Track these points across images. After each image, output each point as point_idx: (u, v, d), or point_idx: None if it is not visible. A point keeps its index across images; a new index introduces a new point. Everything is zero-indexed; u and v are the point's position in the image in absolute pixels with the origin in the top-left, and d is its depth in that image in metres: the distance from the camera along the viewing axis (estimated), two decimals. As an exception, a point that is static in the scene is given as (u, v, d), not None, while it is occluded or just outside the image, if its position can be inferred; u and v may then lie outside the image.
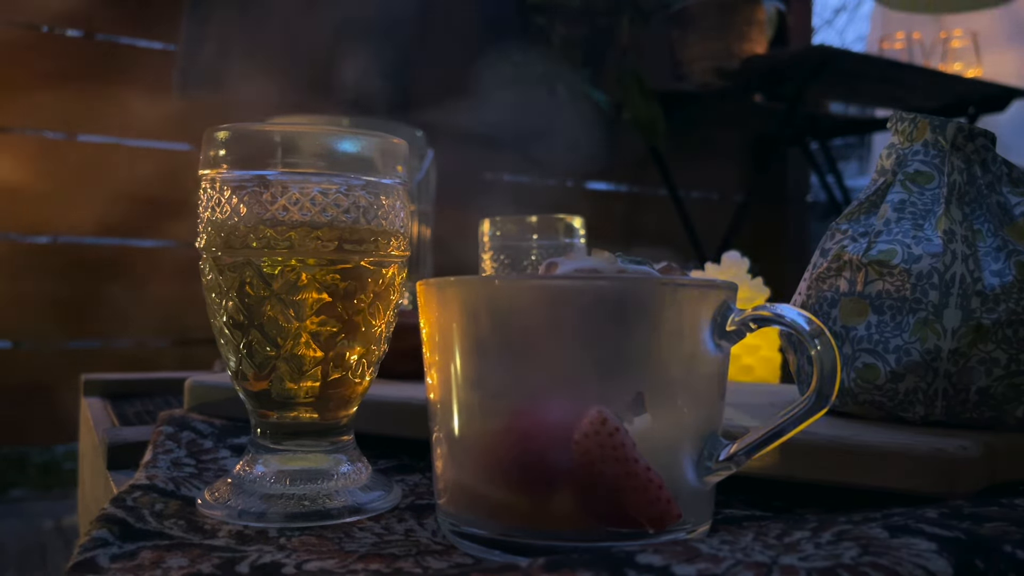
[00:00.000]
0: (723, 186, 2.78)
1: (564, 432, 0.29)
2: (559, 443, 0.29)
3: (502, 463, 0.30)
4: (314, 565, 0.29)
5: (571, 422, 0.29)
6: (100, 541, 0.31)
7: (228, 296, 0.37)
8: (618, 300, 0.30)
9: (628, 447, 0.29)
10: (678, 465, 0.30)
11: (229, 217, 0.36)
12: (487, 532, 0.31)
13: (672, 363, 0.30)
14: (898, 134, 0.45)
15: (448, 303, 0.32)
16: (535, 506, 0.30)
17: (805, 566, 0.25)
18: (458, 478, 0.32)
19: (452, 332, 0.32)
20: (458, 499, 0.32)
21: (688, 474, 0.31)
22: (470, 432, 0.31)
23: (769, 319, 0.30)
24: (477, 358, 0.31)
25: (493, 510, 0.30)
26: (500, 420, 0.30)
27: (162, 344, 2.25)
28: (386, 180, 0.38)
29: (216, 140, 0.37)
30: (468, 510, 0.31)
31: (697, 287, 0.31)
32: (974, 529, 0.27)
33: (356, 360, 0.38)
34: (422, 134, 1.24)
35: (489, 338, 0.31)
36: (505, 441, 0.30)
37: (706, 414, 0.31)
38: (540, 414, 0.30)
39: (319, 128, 0.38)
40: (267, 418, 0.38)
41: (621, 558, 0.25)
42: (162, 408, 0.70)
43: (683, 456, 0.31)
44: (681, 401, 0.30)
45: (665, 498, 0.29)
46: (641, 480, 0.29)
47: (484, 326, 0.31)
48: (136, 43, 2.14)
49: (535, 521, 0.30)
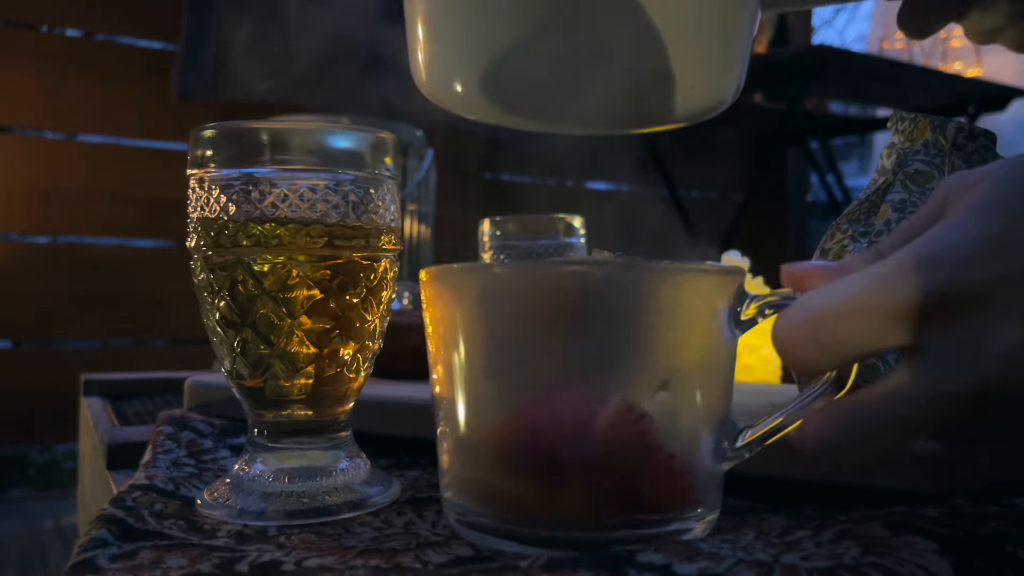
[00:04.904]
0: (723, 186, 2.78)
1: (583, 421, 0.29)
2: (577, 432, 0.29)
3: (517, 454, 0.30)
4: (314, 562, 0.29)
5: (590, 411, 0.29)
6: (99, 541, 0.31)
7: (220, 295, 0.37)
8: (638, 286, 0.29)
9: (653, 434, 0.29)
10: (696, 452, 0.30)
11: (218, 216, 0.36)
12: (497, 523, 0.30)
13: (692, 349, 0.30)
14: (898, 133, 0.45)
15: (458, 292, 0.32)
16: (549, 496, 0.29)
17: (806, 565, 0.25)
18: (467, 471, 0.31)
19: (462, 323, 0.31)
20: (467, 491, 0.31)
21: (705, 460, 0.30)
22: (481, 424, 0.31)
23: (786, 300, 0.30)
24: (490, 348, 0.31)
25: (504, 501, 0.30)
26: (516, 411, 0.30)
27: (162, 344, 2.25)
28: (375, 174, 0.38)
29: (203, 139, 0.37)
30: (478, 502, 0.31)
31: (715, 273, 0.31)
32: (975, 528, 0.27)
33: (350, 356, 0.38)
34: (422, 134, 1.24)
35: (503, 327, 0.30)
36: (521, 432, 0.29)
37: (722, 401, 0.31)
38: (558, 403, 0.29)
39: (306, 124, 0.37)
40: (263, 417, 0.38)
41: (622, 557, 0.25)
42: (162, 408, 0.70)
43: (701, 443, 0.30)
44: (700, 388, 0.30)
45: (687, 484, 0.29)
46: (665, 467, 0.29)
47: (498, 315, 0.30)
48: (136, 43, 2.14)
49: (548, 511, 0.29)
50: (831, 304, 0.26)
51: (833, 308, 0.26)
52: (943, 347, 0.25)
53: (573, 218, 0.76)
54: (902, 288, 0.25)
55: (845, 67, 2.12)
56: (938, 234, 0.26)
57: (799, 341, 0.27)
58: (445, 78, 0.38)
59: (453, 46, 0.37)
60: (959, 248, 0.25)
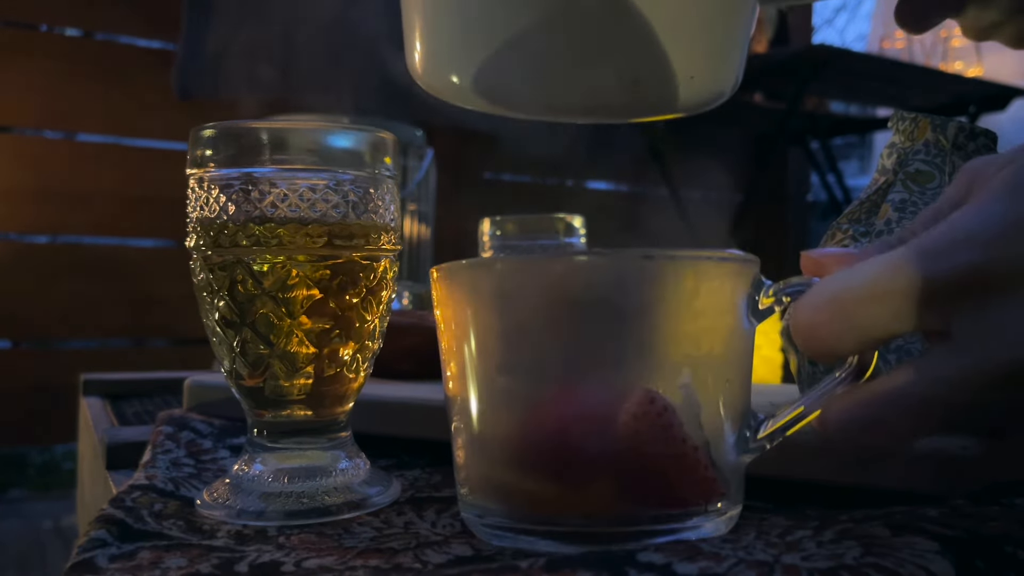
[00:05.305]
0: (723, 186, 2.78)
1: (605, 415, 0.28)
2: (600, 426, 0.28)
3: (536, 450, 0.29)
4: (313, 563, 0.29)
5: (612, 404, 0.28)
6: (99, 541, 0.31)
7: (219, 295, 0.37)
8: (657, 276, 0.29)
9: (677, 427, 0.28)
10: (720, 443, 0.30)
11: (218, 216, 0.36)
12: (515, 520, 0.30)
13: (712, 339, 0.30)
14: (899, 133, 0.45)
15: (472, 288, 0.31)
16: (571, 492, 0.29)
17: (807, 566, 0.25)
18: (483, 469, 0.31)
19: (476, 318, 0.31)
20: (484, 489, 0.31)
21: (728, 452, 0.30)
22: (499, 421, 0.30)
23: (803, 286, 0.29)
24: (506, 344, 0.30)
25: (522, 499, 0.30)
26: (534, 407, 0.29)
27: (161, 344, 2.25)
28: (375, 174, 0.38)
29: (202, 139, 0.37)
30: (495, 500, 0.31)
31: (733, 261, 0.30)
32: (975, 529, 0.27)
33: (350, 356, 0.38)
34: (422, 134, 1.24)
35: (519, 323, 0.30)
36: (541, 427, 0.29)
37: (743, 391, 0.31)
38: (579, 398, 0.29)
39: (305, 124, 0.37)
40: (262, 417, 0.38)
41: (622, 557, 0.25)
42: (161, 408, 0.70)
43: (724, 434, 0.30)
44: (722, 379, 0.30)
45: (711, 477, 0.29)
46: (690, 460, 0.29)
47: (513, 310, 0.30)
48: (136, 43, 2.14)
49: (570, 507, 0.29)
50: (855, 285, 0.25)
51: (857, 289, 0.25)
52: (971, 329, 0.24)
53: (573, 218, 0.76)
54: (929, 269, 0.24)
55: (845, 67, 2.12)
56: (964, 216, 0.25)
57: (822, 323, 0.26)
58: (442, 69, 0.38)
59: (450, 36, 0.37)
60: (987, 230, 0.24)
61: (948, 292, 0.24)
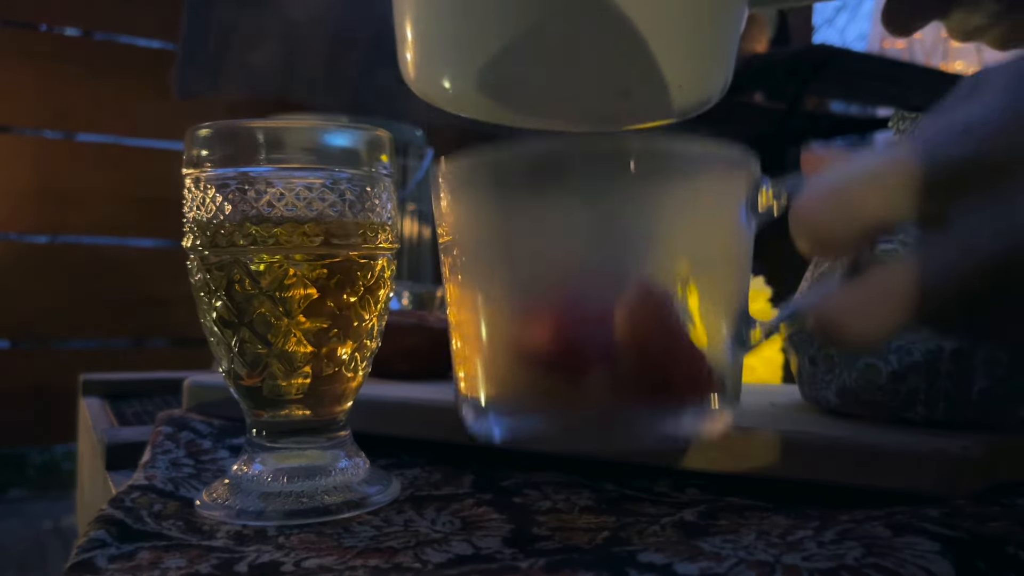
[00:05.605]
0: (723, 186, 2.77)
1: (603, 307, 0.28)
2: (598, 318, 0.28)
3: (539, 344, 0.29)
4: (313, 562, 0.29)
5: (610, 296, 0.28)
6: (98, 542, 0.30)
7: (217, 295, 0.37)
8: (657, 168, 0.29)
9: (675, 318, 0.28)
10: (716, 339, 0.30)
11: (214, 216, 0.36)
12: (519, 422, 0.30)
13: (712, 237, 0.30)
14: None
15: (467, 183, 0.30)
16: (567, 383, 0.28)
17: (808, 566, 0.25)
18: (488, 371, 0.30)
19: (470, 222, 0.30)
20: (487, 391, 0.30)
21: (725, 349, 0.30)
22: (499, 322, 0.30)
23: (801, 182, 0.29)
24: (502, 242, 0.30)
25: (530, 395, 0.29)
26: (537, 300, 0.29)
27: (161, 344, 2.25)
28: (372, 172, 0.38)
29: (198, 138, 0.37)
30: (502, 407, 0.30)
31: (735, 154, 0.30)
32: (976, 529, 0.27)
33: (348, 355, 0.38)
34: (422, 134, 1.24)
35: (514, 219, 0.29)
36: (543, 321, 0.29)
37: (741, 290, 0.31)
38: (577, 290, 0.28)
39: (301, 123, 0.37)
40: (261, 416, 0.38)
41: (622, 557, 0.25)
42: (161, 408, 0.70)
43: (721, 330, 0.30)
44: (720, 275, 0.30)
45: (707, 370, 0.29)
46: (686, 352, 0.28)
47: (506, 207, 0.29)
48: (136, 42, 2.14)
49: (568, 403, 0.29)
50: (855, 175, 0.25)
51: (857, 178, 0.25)
52: (972, 216, 0.24)
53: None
54: (930, 156, 0.24)
55: (846, 67, 2.12)
56: (967, 108, 0.25)
57: (821, 209, 0.26)
58: (435, 75, 0.38)
59: (442, 43, 0.37)
60: (990, 120, 0.24)
61: (949, 178, 0.24)
